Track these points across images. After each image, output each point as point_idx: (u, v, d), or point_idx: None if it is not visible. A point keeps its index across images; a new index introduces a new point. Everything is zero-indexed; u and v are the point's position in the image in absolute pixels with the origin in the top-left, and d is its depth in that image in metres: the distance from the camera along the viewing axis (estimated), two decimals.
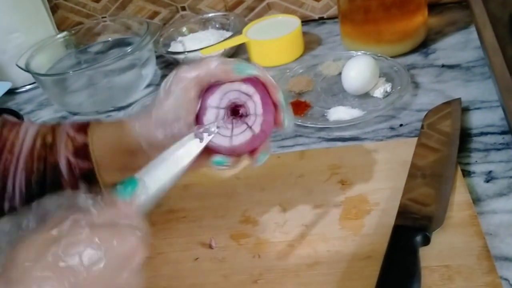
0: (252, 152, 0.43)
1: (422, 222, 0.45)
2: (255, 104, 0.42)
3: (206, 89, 0.42)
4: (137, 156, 0.44)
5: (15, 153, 0.46)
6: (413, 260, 0.42)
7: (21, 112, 0.85)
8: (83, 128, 0.46)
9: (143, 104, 0.78)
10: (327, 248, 0.46)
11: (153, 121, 0.43)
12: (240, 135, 0.42)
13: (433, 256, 0.42)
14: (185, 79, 0.41)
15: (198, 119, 0.42)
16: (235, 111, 0.42)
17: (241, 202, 0.54)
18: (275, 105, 0.43)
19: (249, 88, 0.42)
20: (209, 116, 0.42)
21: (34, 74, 0.81)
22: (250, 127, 0.42)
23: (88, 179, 0.45)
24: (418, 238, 0.43)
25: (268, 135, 0.43)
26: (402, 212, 0.47)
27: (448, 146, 0.53)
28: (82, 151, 0.45)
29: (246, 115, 0.42)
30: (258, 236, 0.49)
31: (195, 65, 0.42)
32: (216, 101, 0.42)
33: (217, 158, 0.42)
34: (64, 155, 0.45)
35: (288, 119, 0.43)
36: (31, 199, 0.45)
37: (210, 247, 0.49)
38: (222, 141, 0.41)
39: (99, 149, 0.46)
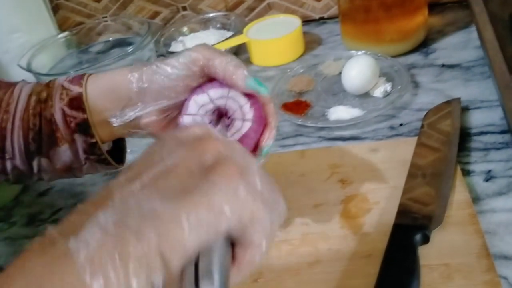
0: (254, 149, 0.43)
1: (421, 218, 0.45)
2: (234, 99, 0.41)
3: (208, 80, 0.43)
4: (127, 103, 0.44)
5: (10, 112, 0.46)
6: (412, 259, 0.42)
7: None
8: (77, 79, 0.46)
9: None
10: (328, 246, 0.46)
11: (152, 70, 0.43)
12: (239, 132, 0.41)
13: (432, 255, 0.43)
14: (197, 57, 0.41)
15: (184, 104, 0.43)
16: (219, 114, 0.42)
17: None
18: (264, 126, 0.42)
19: (237, 95, 0.41)
20: (199, 100, 0.42)
21: (36, 74, 0.82)
22: (243, 119, 0.41)
23: (83, 129, 0.45)
24: (418, 237, 0.43)
25: (254, 141, 0.42)
26: (402, 211, 0.47)
27: (448, 146, 0.54)
28: (76, 102, 0.45)
29: (230, 119, 0.42)
30: None
31: (212, 50, 0.42)
32: (193, 108, 0.42)
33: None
34: (59, 107, 0.45)
35: (269, 145, 0.42)
36: (31, 157, 0.46)
37: None
38: None
39: (93, 99, 0.45)
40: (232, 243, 0.28)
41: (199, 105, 0.42)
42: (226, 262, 0.27)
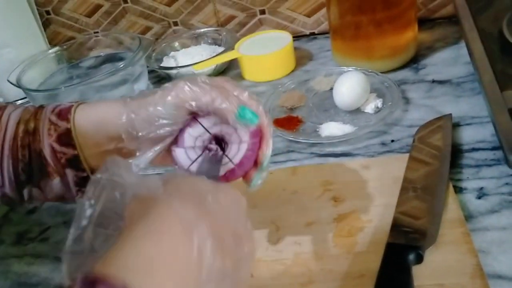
0: (245, 176, 0.44)
1: (415, 236, 0.45)
2: (239, 136, 0.42)
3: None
4: (118, 142, 0.44)
5: None
6: (406, 279, 0.41)
7: None
8: (65, 113, 0.45)
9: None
10: (321, 266, 0.46)
11: (141, 116, 0.42)
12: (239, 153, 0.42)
13: (426, 275, 0.42)
14: (180, 104, 0.41)
15: (179, 135, 0.43)
16: (217, 139, 0.43)
17: None
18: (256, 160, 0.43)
19: (209, 120, 0.42)
20: (194, 132, 0.42)
21: (25, 89, 0.81)
22: (240, 141, 0.42)
23: (74, 164, 0.44)
24: (411, 256, 0.43)
25: (261, 142, 0.43)
26: (395, 226, 0.47)
27: (440, 161, 0.54)
28: (65, 138, 0.44)
29: (227, 144, 0.42)
30: None
31: (195, 88, 0.41)
32: (209, 123, 0.42)
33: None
34: (47, 143, 0.44)
35: (259, 179, 0.44)
36: (21, 186, 0.46)
37: None
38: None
39: (83, 134, 0.45)
40: None
41: (194, 137, 0.42)
42: None
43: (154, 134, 0.42)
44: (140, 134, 0.43)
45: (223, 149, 0.42)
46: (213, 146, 0.42)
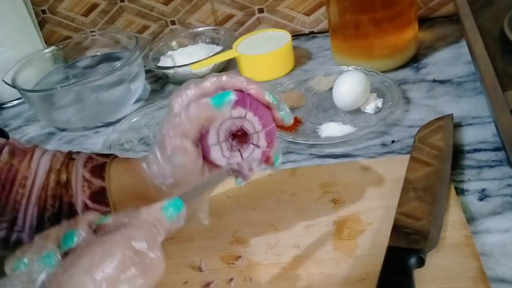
0: (266, 160, 0.44)
1: (416, 240, 0.44)
2: (251, 123, 0.42)
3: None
4: (151, 198, 0.44)
5: (27, 187, 0.45)
6: (407, 283, 0.41)
7: (8, 128, 0.84)
8: (99, 171, 0.46)
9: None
10: (320, 270, 0.45)
11: (163, 168, 0.43)
12: (251, 157, 0.43)
13: (428, 279, 0.41)
14: (197, 124, 0.42)
15: (205, 159, 0.43)
16: (237, 135, 0.43)
17: (231, 222, 0.53)
18: (268, 106, 0.43)
19: (239, 111, 0.41)
20: (214, 154, 0.42)
21: (21, 90, 0.80)
22: (256, 145, 0.43)
23: None
24: (413, 260, 0.42)
25: (275, 140, 0.44)
26: (396, 228, 0.46)
27: (441, 161, 0.53)
28: (99, 195, 0.45)
29: (248, 136, 0.42)
30: (249, 258, 0.48)
31: (208, 110, 0.41)
32: (214, 138, 0.42)
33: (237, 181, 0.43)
34: (81, 200, 0.45)
35: (285, 114, 0.44)
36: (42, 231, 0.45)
37: (200, 270, 0.48)
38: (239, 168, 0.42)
39: (116, 194, 0.45)
40: None
41: (216, 133, 0.42)
42: None
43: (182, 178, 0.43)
44: (170, 182, 0.44)
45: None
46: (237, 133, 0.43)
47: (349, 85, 0.64)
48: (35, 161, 0.46)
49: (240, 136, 0.43)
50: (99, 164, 0.46)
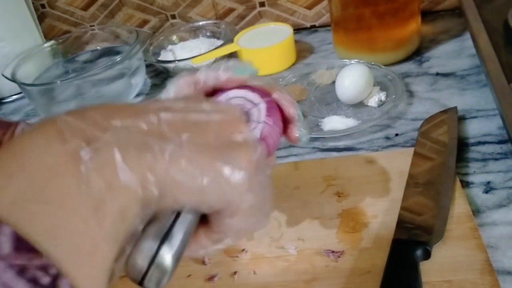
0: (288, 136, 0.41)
1: (421, 232, 0.44)
2: (259, 112, 0.40)
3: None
4: None
5: None
6: (414, 275, 0.40)
7: None
8: None
9: None
10: (325, 263, 0.44)
11: None
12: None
13: (434, 271, 0.41)
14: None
15: None
16: None
17: None
18: (288, 120, 0.40)
19: (255, 97, 0.39)
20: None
21: (20, 84, 0.79)
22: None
23: None
24: (419, 252, 0.42)
25: (271, 146, 0.41)
26: (401, 221, 0.45)
27: (446, 155, 0.52)
28: None
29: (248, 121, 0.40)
30: (253, 251, 0.47)
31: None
32: (233, 94, 0.39)
33: None
34: None
35: (303, 132, 0.40)
36: None
37: (203, 263, 0.47)
38: None
39: None
40: None
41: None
42: (190, 227, 0.28)
43: None
44: None
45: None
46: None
47: (352, 78, 0.64)
48: (19, 132, 0.45)
49: None
50: None
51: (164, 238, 0.27)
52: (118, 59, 0.77)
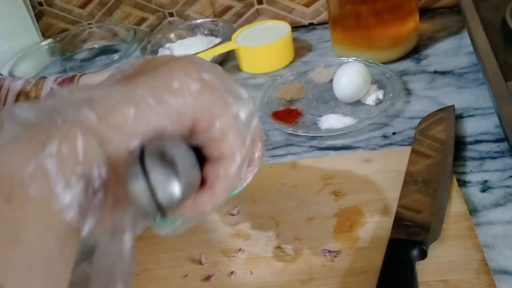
0: None
1: (419, 230, 0.44)
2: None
3: None
4: None
5: None
6: (410, 275, 0.40)
7: None
8: (67, 82, 0.44)
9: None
10: (322, 262, 0.45)
11: None
12: None
13: (430, 271, 0.41)
14: None
15: None
16: None
17: None
18: None
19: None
20: None
21: None
22: None
23: None
24: (415, 252, 0.42)
25: None
26: (398, 221, 0.46)
27: (443, 153, 0.52)
28: None
29: None
30: (250, 251, 0.47)
31: None
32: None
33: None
34: None
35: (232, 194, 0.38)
36: None
37: (200, 263, 0.47)
38: None
39: None
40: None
41: None
42: (193, 173, 0.26)
43: None
44: None
45: None
46: None
47: (350, 77, 0.64)
48: (5, 88, 0.45)
49: None
50: (69, 77, 0.44)
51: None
52: (116, 57, 0.77)
